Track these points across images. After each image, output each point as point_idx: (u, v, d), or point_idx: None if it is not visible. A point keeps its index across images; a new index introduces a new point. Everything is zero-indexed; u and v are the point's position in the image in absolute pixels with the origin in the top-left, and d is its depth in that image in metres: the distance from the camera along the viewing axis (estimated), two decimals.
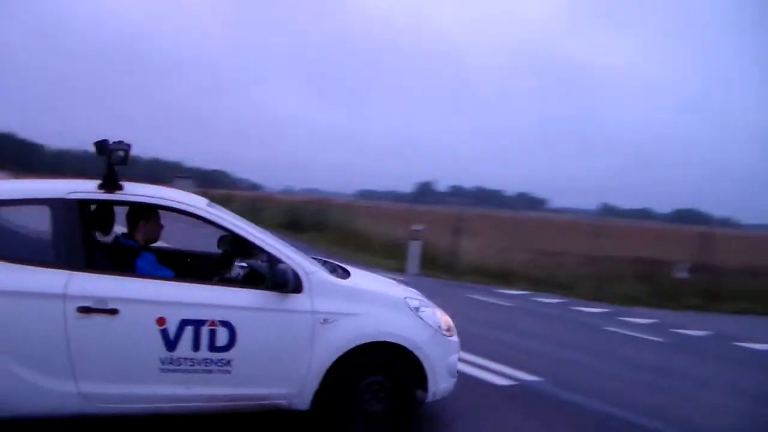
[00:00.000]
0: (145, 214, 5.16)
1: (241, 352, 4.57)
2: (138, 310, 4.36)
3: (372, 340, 4.91)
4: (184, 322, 4.43)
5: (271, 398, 4.79)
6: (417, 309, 5.25)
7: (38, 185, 4.89)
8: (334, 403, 4.87)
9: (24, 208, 4.51)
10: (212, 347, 4.51)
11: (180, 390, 4.50)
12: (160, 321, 4.40)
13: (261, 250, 4.86)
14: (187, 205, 4.80)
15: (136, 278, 4.60)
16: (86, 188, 4.59)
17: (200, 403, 4.63)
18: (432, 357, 5.09)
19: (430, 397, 5.09)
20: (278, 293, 4.68)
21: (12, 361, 4.11)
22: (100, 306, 4.25)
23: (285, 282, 4.65)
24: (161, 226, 5.31)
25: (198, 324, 4.46)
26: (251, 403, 4.76)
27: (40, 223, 4.38)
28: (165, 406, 4.56)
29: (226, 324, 4.53)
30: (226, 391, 4.62)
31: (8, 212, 4.46)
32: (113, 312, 4.28)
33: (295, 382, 4.77)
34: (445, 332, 5.30)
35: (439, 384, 5.15)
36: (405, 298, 5.35)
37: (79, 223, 4.47)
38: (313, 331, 4.74)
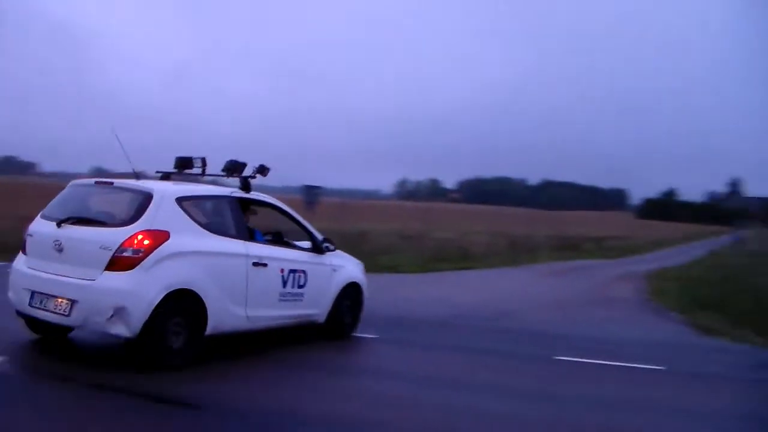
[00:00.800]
0: (249, 207, 8.29)
1: (307, 288, 8.42)
2: (274, 264, 7.89)
3: (350, 281, 9.30)
4: (291, 271, 8.16)
5: (313, 316, 8.78)
6: (358, 264, 9.77)
7: (212, 188, 8.23)
8: (336, 316, 9.05)
9: (209, 202, 7.75)
10: (298, 285, 8.29)
11: (285, 312, 8.23)
12: (282, 270, 8.04)
13: (309, 233, 8.86)
14: (277, 203, 8.59)
15: (271, 246, 8.22)
16: (234, 191, 7.98)
17: (289, 321, 8.40)
18: (365, 288, 9.68)
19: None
20: (318, 254, 8.78)
21: (226, 299, 7.21)
22: (261, 262, 7.66)
23: (321, 249, 8.80)
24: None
25: (295, 272, 8.23)
26: (307, 319, 8.70)
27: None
28: (275, 323, 8.19)
29: (304, 272, 8.37)
30: (300, 312, 8.47)
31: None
32: (265, 265, 7.73)
33: (324, 306, 8.86)
34: None
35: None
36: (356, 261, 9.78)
37: (240, 212, 7.86)
38: (330, 275, 8.92)
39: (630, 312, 15.22)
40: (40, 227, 7.23)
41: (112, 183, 7.60)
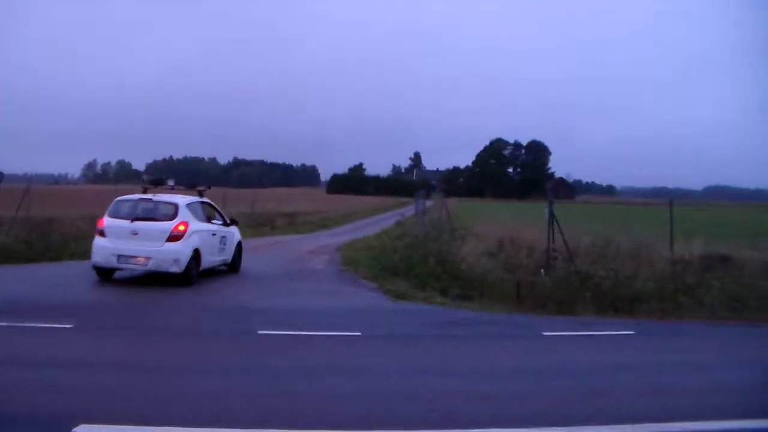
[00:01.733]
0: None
1: (228, 245, 16.36)
2: (217, 233, 15.61)
3: (239, 240, 17.21)
4: (221, 236, 15.88)
5: (227, 260, 16.53)
6: (238, 231, 17.48)
7: (193, 197, 15.61)
8: (235, 259, 16.89)
9: (195, 204, 15.27)
10: (223, 243, 15.99)
11: (220, 258, 16.02)
12: (219, 236, 15.78)
13: (222, 216, 16.56)
14: (211, 202, 16.80)
15: (213, 224, 15.76)
16: (199, 198, 15.93)
17: (220, 263, 16.20)
18: (242, 244, 17.71)
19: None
20: (227, 227, 16.47)
21: (207, 252, 14.80)
22: (213, 232, 15.43)
23: (228, 224, 16.59)
24: None
25: (223, 236, 15.97)
26: (224, 262, 16.43)
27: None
28: (217, 263, 15.98)
29: (224, 236, 16.07)
30: (224, 258, 16.26)
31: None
32: (215, 234, 15.53)
33: (230, 254, 16.59)
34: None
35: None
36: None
37: (215, 208, 16.54)
38: (232, 237, 16.71)
39: (326, 283, 15.86)
40: (116, 222, 13.96)
41: (151, 198, 14.55)
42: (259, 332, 9.76)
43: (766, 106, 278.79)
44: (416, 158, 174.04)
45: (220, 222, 16.10)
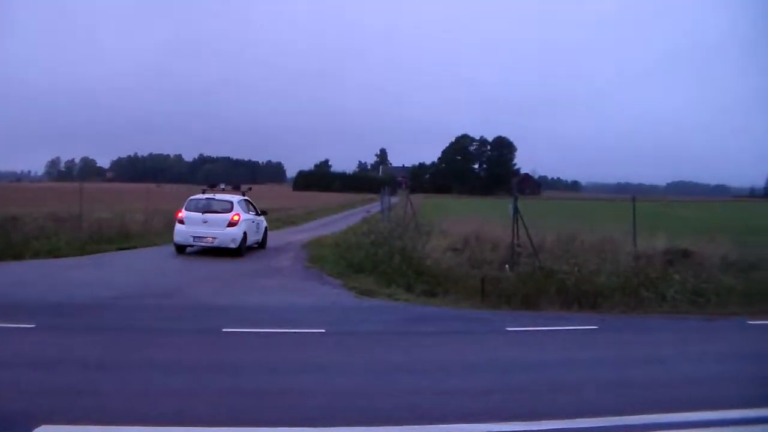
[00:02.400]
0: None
1: (260, 229, 22.85)
2: (256, 221, 22.44)
3: (265, 226, 23.63)
4: (256, 223, 22.36)
5: (259, 240, 22.90)
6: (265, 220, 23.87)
7: (239, 196, 21.95)
8: (263, 240, 23.37)
9: (242, 201, 21.78)
10: (258, 228, 22.73)
11: (255, 237, 22.36)
12: (255, 222, 22.39)
13: (255, 208, 22.90)
14: (249, 199, 22.94)
15: (252, 214, 22.21)
16: (244, 197, 22.41)
17: (254, 242, 22.39)
18: (267, 229, 24.19)
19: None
20: (259, 216, 22.92)
21: (250, 233, 21.59)
22: (252, 220, 21.97)
23: (259, 214, 23.13)
24: None
25: (257, 223, 22.58)
26: (257, 241, 22.70)
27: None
28: (253, 242, 22.31)
29: (258, 223, 22.69)
30: (257, 238, 22.62)
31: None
32: (253, 221, 22.09)
33: (260, 235, 23.03)
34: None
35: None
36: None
37: (247, 203, 22.25)
38: (261, 223, 23.10)
39: (292, 280, 15.77)
40: (191, 214, 19.90)
41: (214, 197, 20.89)
42: (224, 330, 9.68)
43: (727, 104, 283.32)
44: (382, 155, 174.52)
45: (254, 213, 22.36)
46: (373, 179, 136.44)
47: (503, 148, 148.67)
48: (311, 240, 26.36)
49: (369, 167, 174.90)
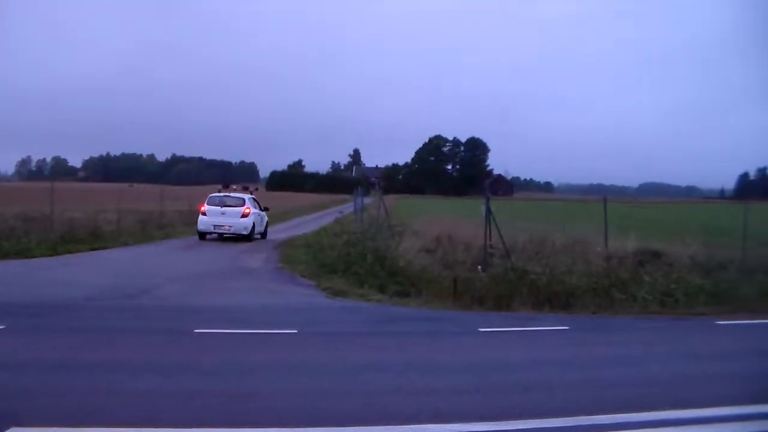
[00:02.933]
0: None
1: (263, 222, 29.00)
2: (261, 214, 28.75)
3: (266, 220, 29.75)
4: (261, 217, 28.64)
5: (262, 231, 28.59)
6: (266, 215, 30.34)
7: (249, 195, 31.46)
8: (264, 231, 29.10)
9: (252, 198, 29.78)
10: (261, 220, 28.56)
11: (260, 229, 28.32)
12: (261, 216, 28.77)
13: (259, 204, 29.16)
14: (255, 198, 31.91)
15: (259, 210, 28.90)
16: (253, 195, 33.44)
17: (259, 234, 28.27)
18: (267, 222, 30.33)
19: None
20: (263, 211, 29.30)
21: (258, 225, 27.97)
22: (259, 214, 28.78)
23: (262, 210, 29.26)
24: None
25: (262, 217, 28.87)
26: (261, 232, 28.50)
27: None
28: (258, 232, 28.20)
29: (263, 217, 28.93)
30: (261, 229, 28.38)
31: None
32: (260, 215, 28.73)
33: (263, 228, 28.89)
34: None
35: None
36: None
37: (256, 200, 29.75)
38: (264, 217, 29.13)
39: (264, 281, 15.75)
40: (212, 207, 26.14)
41: (230, 195, 29.56)
42: (196, 331, 9.62)
43: (699, 106, 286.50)
44: (356, 155, 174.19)
45: (260, 209, 28.19)
46: (347, 180, 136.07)
47: (476, 149, 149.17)
48: (283, 241, 26.80)
49: (342, 167, 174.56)
